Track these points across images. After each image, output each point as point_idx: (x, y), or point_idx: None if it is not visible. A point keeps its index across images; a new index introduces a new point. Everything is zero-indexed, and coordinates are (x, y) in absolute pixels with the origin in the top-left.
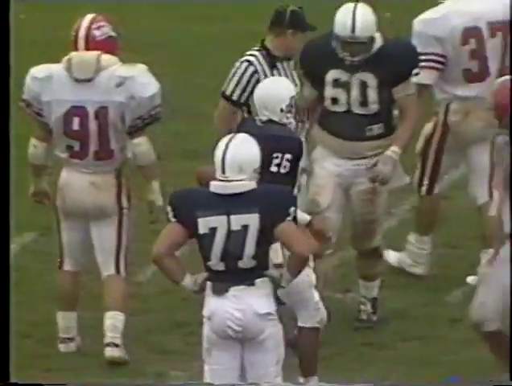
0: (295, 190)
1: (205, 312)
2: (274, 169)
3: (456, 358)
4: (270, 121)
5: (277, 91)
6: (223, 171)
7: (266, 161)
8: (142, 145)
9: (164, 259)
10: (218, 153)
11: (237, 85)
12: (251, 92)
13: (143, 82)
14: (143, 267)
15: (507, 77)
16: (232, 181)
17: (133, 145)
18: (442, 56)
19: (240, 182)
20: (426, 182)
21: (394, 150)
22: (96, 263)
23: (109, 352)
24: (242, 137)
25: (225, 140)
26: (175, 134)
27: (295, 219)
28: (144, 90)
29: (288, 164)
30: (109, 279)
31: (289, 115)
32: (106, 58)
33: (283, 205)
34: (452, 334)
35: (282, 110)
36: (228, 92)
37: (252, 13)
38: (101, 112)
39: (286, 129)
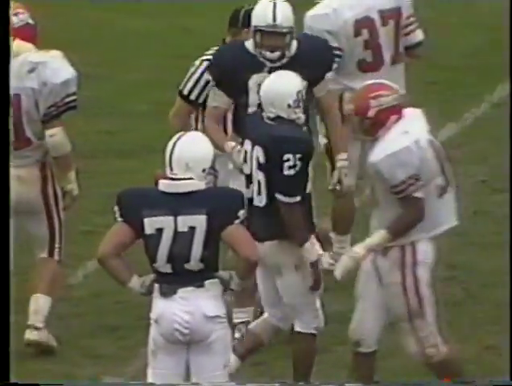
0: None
1: (153, 315)
2: (290, 172)
3: (396, 361)
4: (278, 117)
5: (283, 86)
6: (171, 168)
7: (277, 164)
8: (56, 135)
9: (110, 259)
10: (167, 149)
11: (195, 85)
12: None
13: (55, 67)
14: (74, 269)
15: (370, 81)
16: (180, 179)
17: (47, 136)
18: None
19: (187, 181)
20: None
21: (341, 159)
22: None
23: (28, 335)
24: (194, 134)
25: (176, 136)
26: (107, 133)
27: (243, 222)
28: (56, 76)
29: (299, 163)
30: (40, 261)
31: (297, 110)
32: (19, 44)
33: (232, 207)
34: (391, 337)
35: (289, 106)
36: (185, 92)
37: (183, 8)
38: (14, 100)
39: (293, 127)
